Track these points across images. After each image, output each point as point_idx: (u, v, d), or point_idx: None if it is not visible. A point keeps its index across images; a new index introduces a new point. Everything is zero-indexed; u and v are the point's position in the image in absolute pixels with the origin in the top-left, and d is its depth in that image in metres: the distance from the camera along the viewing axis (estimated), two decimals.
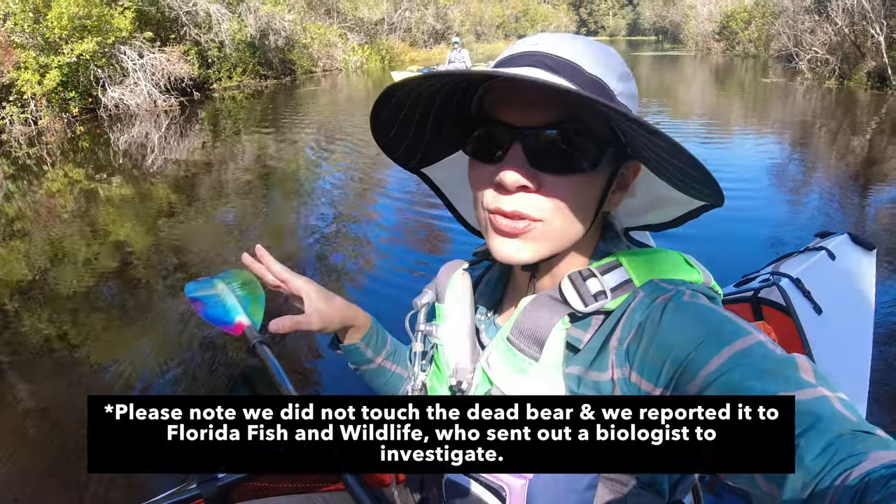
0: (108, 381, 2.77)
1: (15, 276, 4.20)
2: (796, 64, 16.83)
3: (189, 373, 2.89)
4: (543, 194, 0.57)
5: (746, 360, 0.47)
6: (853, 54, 14.65)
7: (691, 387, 0.49)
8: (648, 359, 0.54)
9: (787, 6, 19.08)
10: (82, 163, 8.45)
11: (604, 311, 0.59)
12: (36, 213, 5.90)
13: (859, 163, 6.99)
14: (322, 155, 8.22)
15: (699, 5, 32.07)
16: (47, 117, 11.09)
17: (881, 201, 5.44)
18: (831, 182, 6.12)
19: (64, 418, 2.53)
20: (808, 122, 10.16)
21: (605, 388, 0.57)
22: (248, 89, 16.93)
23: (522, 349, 0.61)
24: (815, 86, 14.65)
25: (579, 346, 0.59)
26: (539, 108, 0.55)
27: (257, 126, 10.83)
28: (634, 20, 67.81)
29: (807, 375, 0.45)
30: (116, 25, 11.80)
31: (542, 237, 0.59)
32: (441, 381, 0.72)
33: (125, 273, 4.17)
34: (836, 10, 14.57)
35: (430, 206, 5.28)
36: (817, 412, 0.41)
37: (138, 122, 11.48)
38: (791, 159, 7.42)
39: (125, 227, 5.29)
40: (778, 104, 12.68)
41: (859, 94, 13.04)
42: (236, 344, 2.95)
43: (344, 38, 23.72)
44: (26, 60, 10.68)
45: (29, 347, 3.17)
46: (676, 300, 0.55)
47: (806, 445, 0.40)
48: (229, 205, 5.94)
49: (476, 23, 39.63)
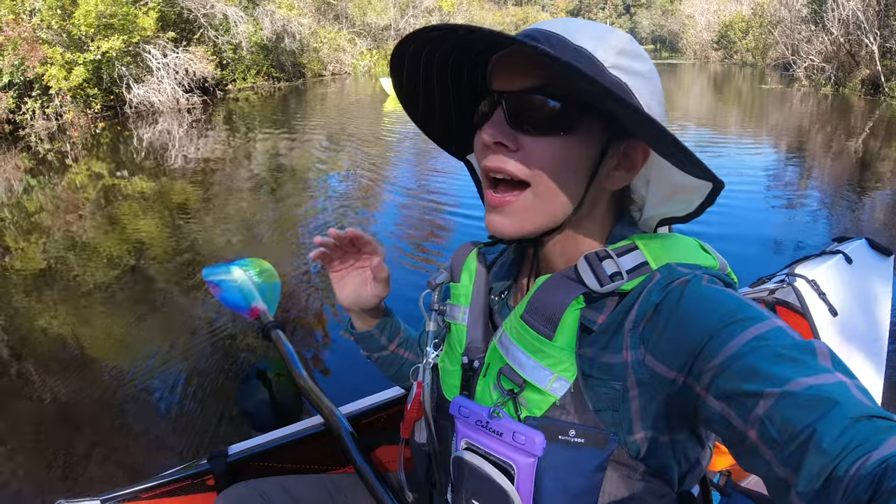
0: (125, 370, 2.82)
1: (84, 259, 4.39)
2: (793, 72, 17.34)
3: (203, 359, 2.92)
4: (524, 155, 0.59)
5: (764, 345, 0.46)
6: (848, 63, 15.12)
7: (707, 370, 0.49)
8: (664, 342, 0.54)
9: (784, 16, 19.64)
10: (109, 157, 8.62)
11: (619, 293, 0.59)
12: (67, 205, 6.03)
13: (878, 170, 7.05)
14: (329, 155, 8.40)
15: (697, 15, 32.72)
16: (72, 112, 11.44)
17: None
18: (848, 189, 6.01)
19: (79, 396, 2.62)
20: (815, 127, 10.39)
21: (618, 369, 0.57)
22: (261, 91, 17.31)
23: (536, 327, 0.60)
24: (811, 92, 15.09)
25: (593, 328, 0.59)
26: (523, 74, 0.58)
27: (272, 126, 11.06)
28: (632, 29, 68.58)
29: (824, 361, 0.45)
30: (141, 24, 12.22)
31: (527, 208, 0.60)
32: (453, 360, 0.72)
33: (150, 264, 4.23)
34: (832, 20, 15.06)
35: (431, 201, 5.56)
36: (834, 397, 0.41)
37: (162, 120, 11.79)
38: (800, 164, 7.48)
39: (152, 218, 5.39)
40: (782, 109, 13.02)
41: (854, 100, 13.42)
42: (249, 334, 3.02)
43: (353, 42, 24.21)
44: (53, 56, 11.01)
45: (44, 335, 3.22)
46: (694, 284, 0.55)
47: (823, 430, 0.39)
48: (244, 201, 6.04)
49: None
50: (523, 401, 0.61)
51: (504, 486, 0.61)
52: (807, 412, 0.41)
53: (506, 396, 0.62)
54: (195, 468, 1.14)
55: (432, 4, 32.51)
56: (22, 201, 6.25)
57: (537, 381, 0.60)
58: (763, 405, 0.43)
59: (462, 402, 0.68)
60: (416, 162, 7.67)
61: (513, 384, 0.62)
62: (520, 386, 0.61)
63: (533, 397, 0.60)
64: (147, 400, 2.60)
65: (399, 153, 8.42)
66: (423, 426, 0.76)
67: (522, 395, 0.61)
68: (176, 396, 2.62)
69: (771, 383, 0.43)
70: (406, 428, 0.78)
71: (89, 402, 2.58)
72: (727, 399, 0.46)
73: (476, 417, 0.65)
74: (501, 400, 0.63)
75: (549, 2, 67.58)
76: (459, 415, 0.67)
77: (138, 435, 2.37)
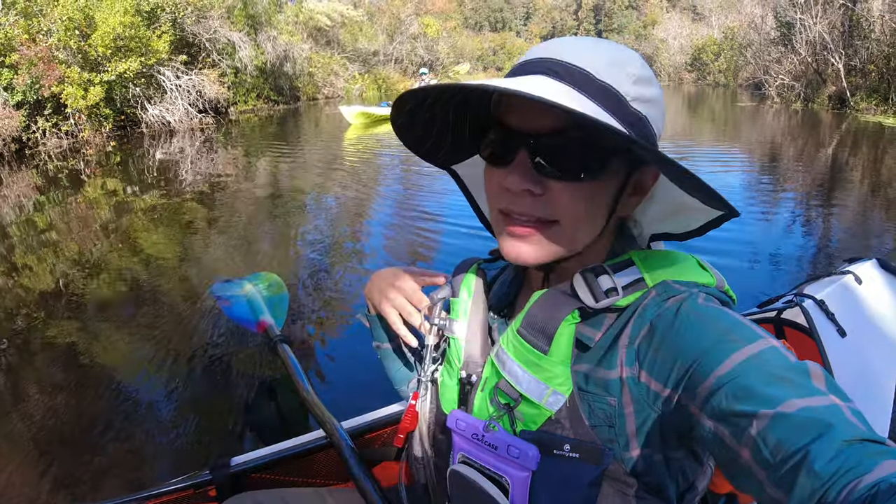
0: (130, 381, 2.84)
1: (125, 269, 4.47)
2: (765, 90, 18.58)
3: (210, 370, 2.93)
4: (550, 199, 0.58)
5: (758, 365, 0.46)
6: (816, 80, 16.31)
7: (701, 389, 0.49)
8: (659, 359, 0.54)
9: (753, 39, 21.05)
10: (122, 175, 8.73)
11: (615, 309, 0.60)
12: (85, 220, 6.10)
13: (849, 177, 7.25)
14: (327, 175, 8.43)
15: (670, 39, 34.41)
16: (87, 131, 11.76)
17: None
18: (862, 210, 5.87)
19: (83, 406, 2.63)
20: (787, 140, 11.14)
21: (613, 385, 0.57)
22: (261, 113, 17.76)
23: (531, 341, 0.61)
24: (783, 108, 16.18)
25: (590, 345, 0.59)
26: (546, 113, 0.55)
27: (273, 146, 11.22)
28: None
29: (818, 383, 0.45)
30: (155, 47, 12.72)
31: (550, 239, 0.60)
32: (452, 374, 0.73)
33: (168, 282, 4.22)
34: (800, 42, 16.33)
35: (420, 217, 5.65)
36: (828, 420, 0.41)
37: (175, 139, 12.12)
38: (775, 175, 7.59)
39: (167, 233, 5.45)
40: (756, 124, 13.93)
41: (822, 114, 14.41)
42: (256, 347, 3.04)
43: (345, 67, 25.01)
44: (70, 75, 11.35)
45: (51, 346, 3.24)
46: (689, 302, 0.55)
47: (816, 453, 0.39)
48: (251, 216, 6.11)
49: (458, 55, 41.53)
50: (519, 415, 0.62)
51: (498, 500, 0.62)
52: (800, 434, 0.41)
53: (502, 410, 0.63)
54: (197, 479, 1.14)
55: (417, 31, 33.71)
56: (39, 216, 6.35)
57: (533, 395, 0.60)
58: (756, 426, 0.43)
59: (459, 415, 0.68)
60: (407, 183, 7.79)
61: (509, 398, 0.62)
62: (515, 400, 0.62)
63: (528, 411, 0.61)
64: (152, 411, 2.61)
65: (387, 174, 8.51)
66: (421, 440, 0.77)
67: (518, 409, 0.62)
68: (182, 408, 2.62)
69: (764, 404, 0.43)
70: (400, 438, 0.78)
71: (93, 413, 2.60)
72: (721, 419, 0.46)
73: (472, 431, 0.65)
74: (497, 414, 0.63)
75: (523, 28, 69.73)
76: (456, 428, 0.68)
77: (142, 446, 2.38)
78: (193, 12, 14.74)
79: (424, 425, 0.76)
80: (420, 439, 0.77)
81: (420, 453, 0.77)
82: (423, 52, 33.90)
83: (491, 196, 0.63)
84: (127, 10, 11.69)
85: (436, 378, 0.76)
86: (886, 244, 4.72)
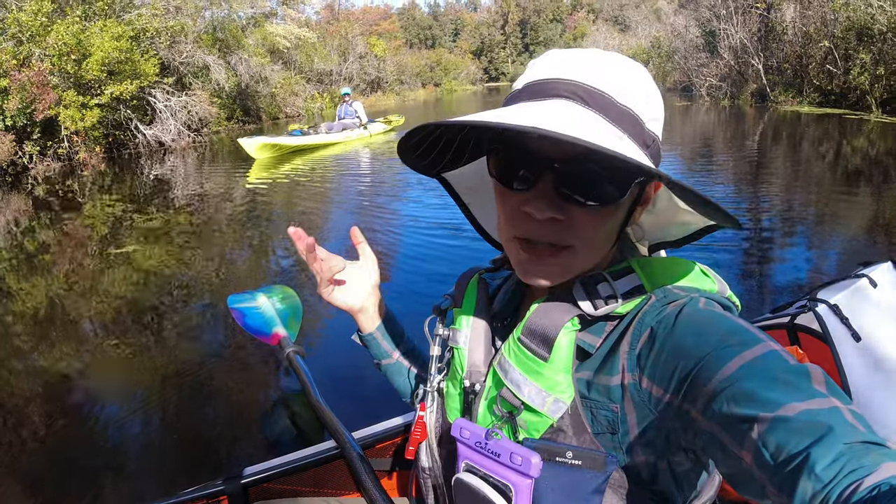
0: (146, 398, 2.87)
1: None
2: (695, 91, 20.78)
3: (224, 382, 2.98)
4: (571, 225, 0.58)
5: (758, 369, 0.46)
6: (739, 80, 18.55)
7: (702, 394, 0.48)
8: (660, 364, 0.54)
9: (678, 46, 23.50)
10: (120, 193, 8.82)
11: (615, 316, 0.60)
12: (87, 238, 6.26)
13: (771, 167, 7.55)
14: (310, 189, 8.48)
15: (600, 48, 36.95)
16: (83, 153, 11.95)
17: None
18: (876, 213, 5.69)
19: (94, 419, 2.71)
20: (722, 131, 12.50)
21: (615, 392, 0.57)
22: (232, 134, 17.90)
23: (532, 349, 0.61)
24: (713, 106, 18.08)
25: (591, 352, 0.60)
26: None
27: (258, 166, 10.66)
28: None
29: (819, 386, 0.44)
30: (143, 70, 13.05)
31: (567, 262, 0.61)
32: (456, 384, 0.73)
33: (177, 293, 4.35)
34: (724, 47, 18.57)
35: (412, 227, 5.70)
36: (828, 423, 0.41)
37: (168, 157, 12.45)
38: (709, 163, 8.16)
39: (179, 252, 5.52)
40: (691, 119, 15.61)
41: (746, 109, 16.18)
42: (270, 359, 3.09)
43: (303, 87, 25.64)
44: (66, 98, 11.54)
45: (58, 360, 3.32)
46: (690, 307, 0.55)
47: (816, 455, 0.39)
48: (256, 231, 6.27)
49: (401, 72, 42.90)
50: (521, 422, 0.62)
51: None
52: (801, 437, 0.41)
53: (504, 418, 0.63)
54: (210, 488, 1.15)
55: (363, 50, 34.79)
56: (39, 238, 6.46)
57: (534, 402, 0.60)
58: (757, 430, 0.43)
59: (463, 424, 0.68)
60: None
61: (511, 406, 0.62)
62: (518, 408, 0.62)
63: (531, 419, 0.61)
64: (166, 422, 2.64)
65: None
66: (428, 450, 0.77)
67: (520, 417, 0.62)
68: (196, 418, 2.67)
69: (765, 407, 0.43)
70: (411, 451, 0.78)
71: (104, 425, 2.63)
72: (722, 423, 0.46)
73: (475, 439, 0.65)
74: (500, 422, 0.64)
75: (454, 45, 71.95)
76: (460, 437, 0.68)
77: (156, 455, 2.41)
78: (167, 38, 15.09)
79: (431, 435, 0.76)
80: (427, 449, 0.77)
81: (427, 463, 0.77)
82: (372, 70, 35.05)
83: (507, 219, 0.62)
84: (121, 35, 12.03)
85: (441, 388, 0.76)
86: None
